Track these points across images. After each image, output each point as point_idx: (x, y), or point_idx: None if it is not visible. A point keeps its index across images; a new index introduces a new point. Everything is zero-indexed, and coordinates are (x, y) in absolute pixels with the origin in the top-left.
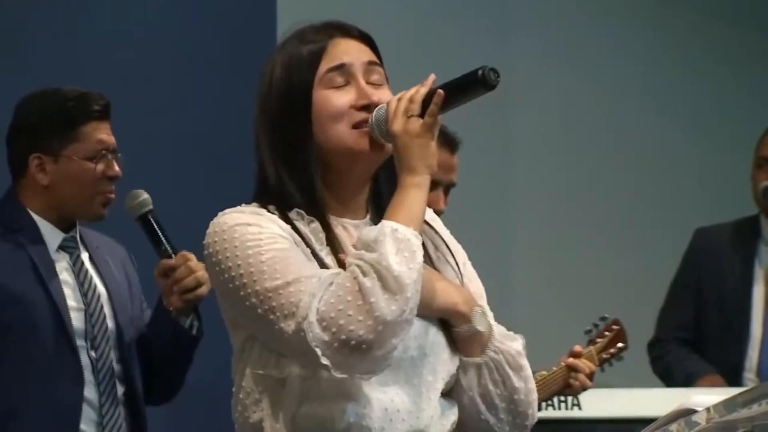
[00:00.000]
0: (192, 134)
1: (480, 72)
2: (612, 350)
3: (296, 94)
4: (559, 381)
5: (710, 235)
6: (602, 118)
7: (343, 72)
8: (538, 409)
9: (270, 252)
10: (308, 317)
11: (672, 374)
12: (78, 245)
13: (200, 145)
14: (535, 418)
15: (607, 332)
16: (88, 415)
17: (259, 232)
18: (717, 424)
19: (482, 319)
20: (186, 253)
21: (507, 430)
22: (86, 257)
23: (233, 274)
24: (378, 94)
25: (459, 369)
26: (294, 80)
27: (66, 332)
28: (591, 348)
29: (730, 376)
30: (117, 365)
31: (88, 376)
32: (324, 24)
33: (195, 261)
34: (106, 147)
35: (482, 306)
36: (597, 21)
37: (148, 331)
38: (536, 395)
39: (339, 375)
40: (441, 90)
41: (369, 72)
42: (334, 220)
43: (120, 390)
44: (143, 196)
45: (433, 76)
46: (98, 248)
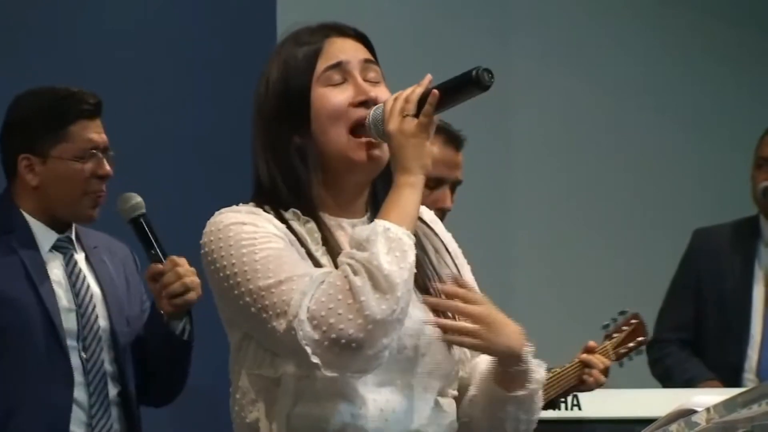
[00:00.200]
0: (192, 134)
1: (474, 72)
2: (631, 344)
3: (294, 95)
4: (573, 377)
5: (710, 236)
6: (602, 118)
7: (340, 70)
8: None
9: (264, 251)
10: (299, 315)
11: (671, 378)
12: (73, 245)
13: (200, 145)
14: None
15: (626, 326)
16: (78, 417)
17: (254, 231)
18: (717, 425)
19: (531, 357)
20: (175, 258)
21: None
22: (81, 257)
23: (228, 273)
24: (375, 91)
25: (495, 402)
26: (291, 81)
27: (57, 333)
28: (606, 343)
29: (730, 377)
30: (111, 366)
31: (79, 377)
32: (319, 25)
33: (185, 266)
34: (96, 146)
35: (529, 344)
36: (597, 21)
37: (144, 332)
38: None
39: (330, 374)
40: (436, 90)
41: (366, 70)
42: (332, 220)
43: (114, 391)
44: (135, 200)
45: (430, 77)
46: (96, 248)
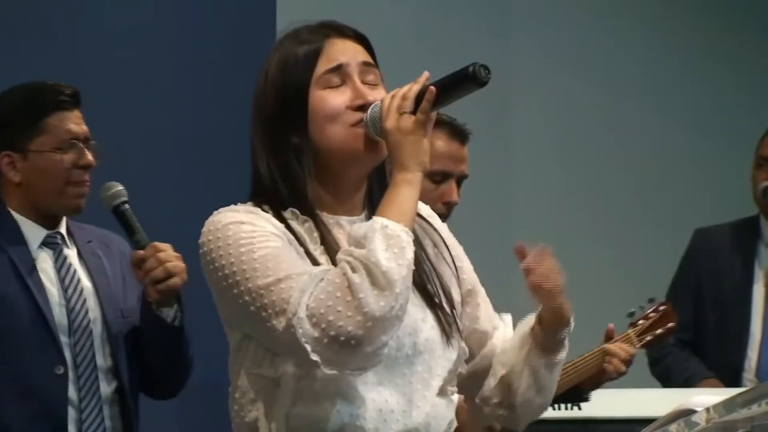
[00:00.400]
0: (192, 134)
1: (471, 68)
2: (659, 331)
3: (292, 94)
4: (592, 366)
5: (710, 236)
6: (602, 118)
7: (340, 72)
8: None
9: (263, 250)
10: (298, 313)
11: (670, 377)
12: (64, 241)
13: (200, 145)
14: None
15: (653, 313)
16: (70, 414)
17: (252, 230)
18: (717, 425)
19: None
20: (157, 244)
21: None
22: (73, 253)
23: (227, 272)
24: (373, 94)
25: (544, 366)
26: (290, 80)
27: (50, 329)
28: (630, 331)
29: (730, 377)
30: (106, 361)
31: (70, 373)
32: (319, 24)
33: (166, 252)
34: (76, 136)
35: None
36: (597, 21)
37: (140, 323)
38: None
39: (329, 371)
40: (433, 87)
41: (364, 72)
42: (330, 218)
43: (109, 387)
44: (116, 188)
45: (427, 74)
46: (90, 243)
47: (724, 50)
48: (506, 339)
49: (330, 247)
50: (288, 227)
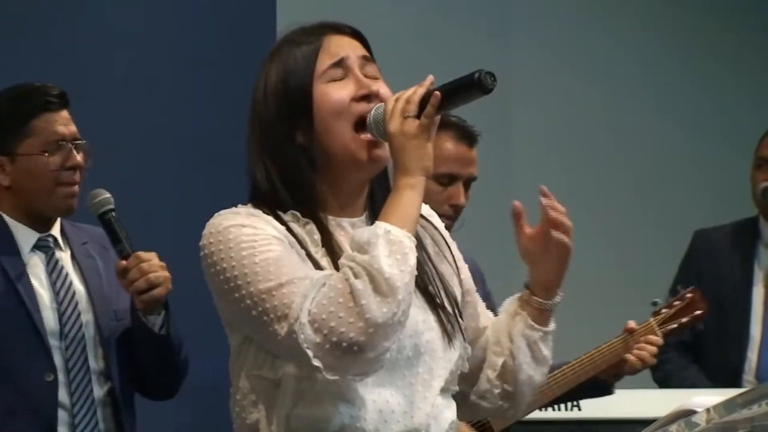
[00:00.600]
0: (192, 134)
1: (476, 75)
2: (684, 319)
3: (295, 94)
4: (610, 356)
5: (709, 237)
6: (602, 118)
7: (341, 66)
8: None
9: (264, 254)
10: (300, 319)
11: (669, 385)
12: (57, 243)
13: (200, 145)
14: None
15: (678, 301)
16: (62, 418)
17: (254, 234)
18: (717, 425)
19: None
20: (141, 254)
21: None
22: (66, 255)
23: (228, 276)
24: (376, 85)
25: (539, 338)
26: (292, 81)
27: (39, 333)
28: (651, 320)
29: (730, 378)
30: (98, 364)
31: (62, 377)
32: (315, 24)
33: (151, 262)
34: (63, 138)
35: None
36: (597, 21)
37: (131, 326)
38: None
39: (331, 377)
40: (438, 92)
41: (364, 66)
42: (332, 220)
43: (102, 390)
44: (103, 196)
45: (431, 78)
46: (85, 244)
47: (724, 50)
48: (496, 335)
49: (332, 250)
50: (289, 230)
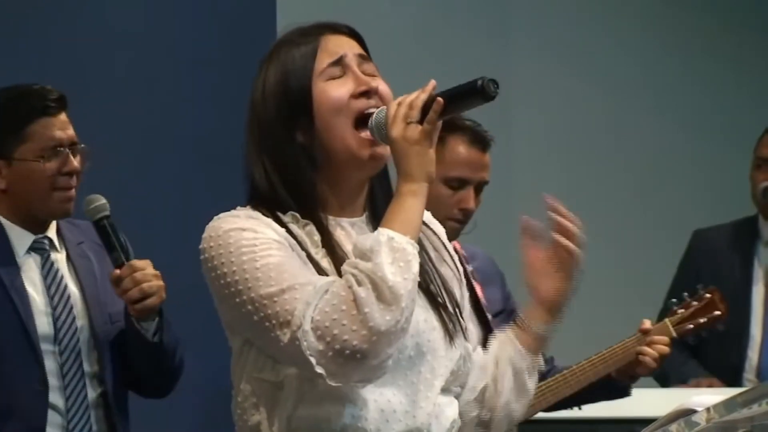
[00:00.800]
0: (192, 134)
1: (479, 82)
2: (702, 319)
3: (294, 93)
4: (622, 356)
5: (709, 236)
6: (602, 118)
7: (340, 64)
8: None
9: (265, 258)
10: (303, 326)
11: (668, 379)
12: (52, 245)
13: (200, 145)
14: None
15: (696, 302)
16: (56, 421)
17: (254, 238)
18: (717, 424)
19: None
20: (135, 263)
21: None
22: (62, 256)
23: (228, 281)
24: (375, 82)
25: (527, 368)
26: (291, 81)
27: (30, 338)
28: (666, 320)
29: (730, 377)
30: (92, 366)
31: (56, 381)
32: (312, 25)
33: (145, 271)
34: (60, 143)
35: None
36: (597, 21)
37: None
38: None
39: (333, 383)
40: (440, 98)
41: (362, 64)
42: (332, 220)
43: (94, 393)
44: (99, 202)
45: (434, 83)
46: (81, 244)
47: (724, 50)
48: (485, 362)
49: (332, 250)
50: (289, 231)
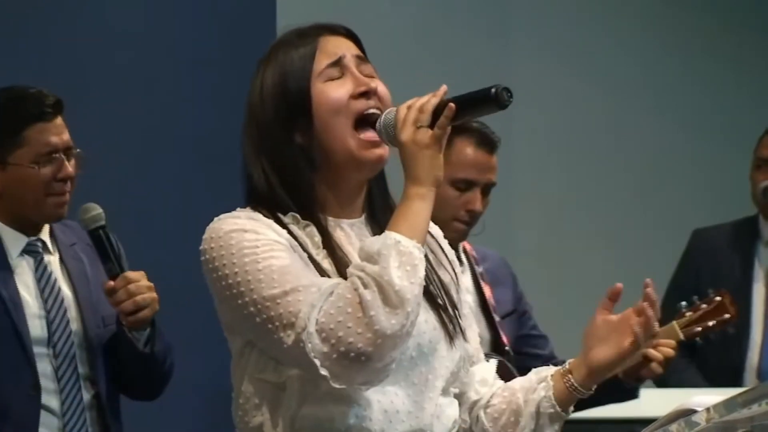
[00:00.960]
0: (192, 134)
1: (493, 90)
2: (711, 322)
3: (293, 96)
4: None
5: (709, 236)
6: (602, 118)
7: (339, 65)
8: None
9: (267, 260)
10: (307, 328)
11: (667, 384)
12: (45, 248)
13: (200, 145)
14: None
15: (705, 304)
16: (51, 423)
17: (256, 239)
18: (717, 424)
19: None
20: (129, 275)
21: None
22: (55, 259)
23: (230, 282)
24: (374, 83)
25: (549, 415)
26: (290, 82)
27: (23, 342)
28: (673, 323)
29: (730, 378)
30: (85, 369)
31: (51, 384)
32: (310, 26)
33: (138, 283)
34: (55, 149)
35: None
36: (597, 21)
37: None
38: None
39: (338, 385)
40: (452, 104)
41: (360, 65)
42: (332, 221)
43: (88, 395)
44: (95, 211)
45: (445, 87)
46: (74, 245)
47: (724, 50)
48: (486, 376)
49: (333, 252)
50: (289, 232)
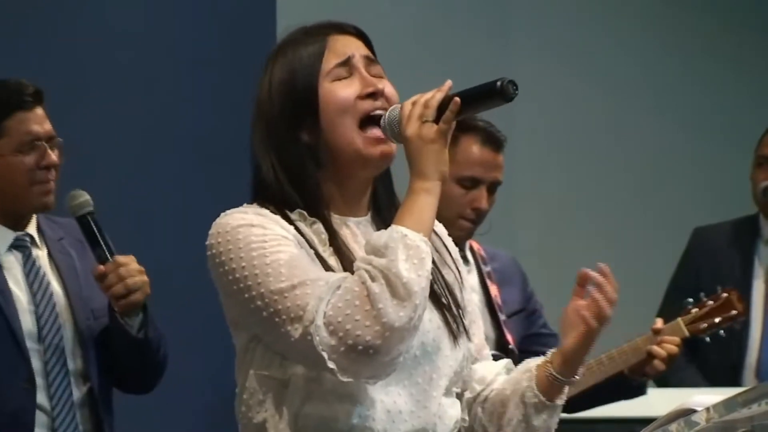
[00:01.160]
0: (192, 134)
1: (499, 83)
2: (717, 319)
3: (301, 94)
4: (631, 355)
5: (709, 235)
6: (602, 118)
7: (347, 65)
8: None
9: (275, 254)
10: (315, 321)
11: (667, 383)
12: (33, 242)
13: (200, 145)
14: None
15: (711, 301)
16: (41, 420)
17: (264, 234)
18: (717, 424)
19: None
20: (120, 259)
21: None
22: (43, 253)
23: (238, 276)
24: (382, 83)
25: (534, 411)
26: (298, 81)
27: (16, 337)
28: (679, 319)
29: (730, 377)
30: (77, 364)
31: (40, 381)
32: (319, 24)
33: (128, 267)
34: (37, 137)
35: None
36: (597, 21)
37: (109, 324)
38: None
39: (345, 379)
40: (457, 98)
41: (369, 65)
42: (338, 219)
43: (80, 391)
44: (82, 198)
45: (450, 83)
46: (61, 240)
47: (724, 50)
48: (486, 374)
49: (339, 249)
50: (297, 229)
